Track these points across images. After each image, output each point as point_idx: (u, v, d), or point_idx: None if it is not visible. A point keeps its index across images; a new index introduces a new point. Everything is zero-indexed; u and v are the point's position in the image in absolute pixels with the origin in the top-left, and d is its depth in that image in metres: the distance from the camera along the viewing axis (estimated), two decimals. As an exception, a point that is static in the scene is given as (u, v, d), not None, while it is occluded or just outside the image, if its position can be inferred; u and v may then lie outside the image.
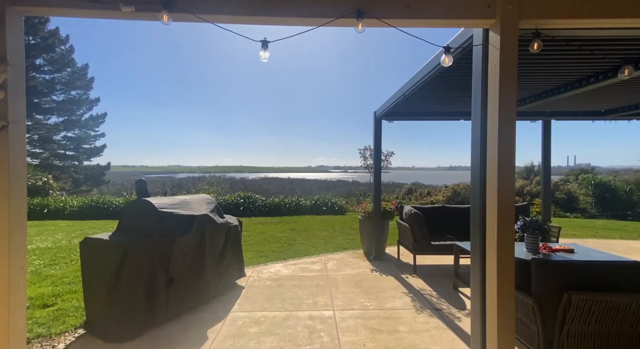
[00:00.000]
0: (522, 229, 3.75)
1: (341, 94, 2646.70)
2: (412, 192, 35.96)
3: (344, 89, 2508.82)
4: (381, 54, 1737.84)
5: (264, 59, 1.97)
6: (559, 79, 3.74)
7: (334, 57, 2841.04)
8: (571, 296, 1.92)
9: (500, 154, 1.96)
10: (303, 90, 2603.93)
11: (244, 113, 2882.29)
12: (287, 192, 21.67)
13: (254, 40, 1.93)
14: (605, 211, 16.74)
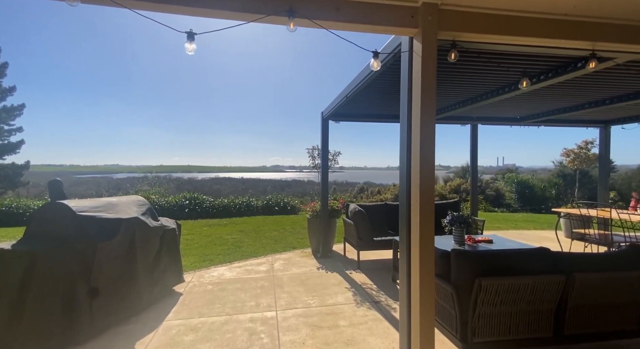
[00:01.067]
0: (451, 223, 4.11)
1: (296, 93, 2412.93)
2: (364, 191, 37.36)
3: (299, 88, 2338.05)
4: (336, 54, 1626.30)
5: (189, 51, 1.88)
6: (479, 88, 4.17)
7: (288, 56, 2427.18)
8: (481, 281, 2.15)
9: (422, 155, 2.13)
10: (257, 88, 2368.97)
11: (194, 111, 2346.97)
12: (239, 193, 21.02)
13: (178, 30, 1.82)
14: (525, 206, 19.12)
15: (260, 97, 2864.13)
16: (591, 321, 2.37)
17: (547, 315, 2.30)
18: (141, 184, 16.23)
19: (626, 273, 2.33)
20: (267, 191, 27.40)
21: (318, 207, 5.77)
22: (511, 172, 27.55)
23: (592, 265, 2.38)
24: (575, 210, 5.40)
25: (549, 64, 3.17)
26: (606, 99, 4.68)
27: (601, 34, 2.27)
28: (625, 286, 2.36)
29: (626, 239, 4.59)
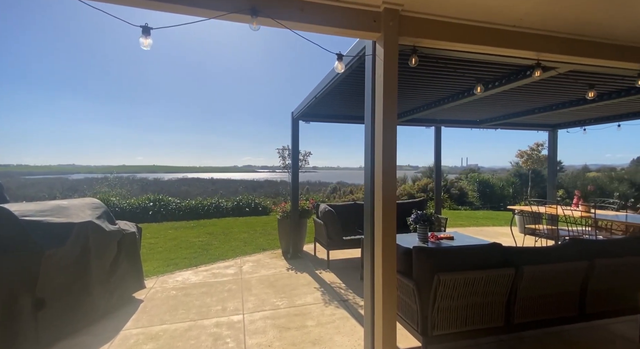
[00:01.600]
0: (415, 222, 4.27)
1: (269, 93, 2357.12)
2: (336, 191, 37.73)
3: (272, 87, 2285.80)
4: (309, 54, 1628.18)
5: (145, 47, 1.79)
6: (440, 92, 4.38)
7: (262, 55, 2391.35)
8: (440, 276, 2.26)
9: (385, 156, 2.19)
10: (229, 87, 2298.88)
11: (161, 108, 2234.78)
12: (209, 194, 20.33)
13: (133, 24, 1.73)
14: (486, 203, 20.32)
15: (232, 96, 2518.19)
16: (537, 309, 2.57)
17: (499, 306, 2.47)
18: (100, 186, 15.21)
19: (567, 264, 2.56)
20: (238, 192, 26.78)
21: (288, 208, 5.75)
22: (474, 172, 29.19)
23: (539, 258, 2.58)
24: (527, 207, 5.83)
25: (501, 72, 3.40)
26: (552, 105, 5.11)
27: (545, 45, 2.48)
28: (566, 276, 2.58)
29: (569, 233, 5.03)
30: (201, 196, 14.86)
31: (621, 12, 2.28)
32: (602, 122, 6.24)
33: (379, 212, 2.20)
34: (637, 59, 2.70)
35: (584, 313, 2.70)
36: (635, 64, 2.73)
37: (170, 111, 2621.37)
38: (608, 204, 6.62)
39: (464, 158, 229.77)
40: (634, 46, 2.69)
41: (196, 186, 40.10)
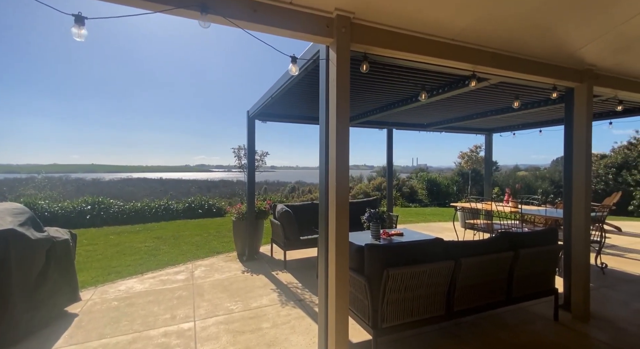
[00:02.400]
0: (368, 220, 4.46)
1: (225, 91, 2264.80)
2: (295, 191, 37.72)
3: (228, 85, 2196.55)
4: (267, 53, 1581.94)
5: (78, 38, 1.63)
6: (390, 97, 4.62)
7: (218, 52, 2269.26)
8: (389, 271, 2.40)
9: (338, 157, 2.26)
10: (182, 84, 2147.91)
11: (103, 102, 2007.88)
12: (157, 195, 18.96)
13: (65, 13, 1.57)
14: (434, 201, 21.86)
15: (185, 93, 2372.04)
16: (473, 297, 2.85)
17: (440, 296, 2.69)
18: (25, 188, 13.36)
19: (497, 254, 2.88)
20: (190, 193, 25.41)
21: (244, 209, 5.62)
22: (423, 172, 31.22)
23: (474, 250, 2.86)
24: (467, 204, 6.40)
25: (443, 80, 3.70)
26: (487, 112, 5.68)
27: (478, 59, 2.75)
28: (496, 265, 2.90)
29: (502, 227, 5.65)
30: (148, 197, 13.81)
31: (540, 34, 2.62)
32: (527, 127, 7.09)
33: (332, 211, 2.27)
34: (551, 75, 3.12)
35: (511, 297, 3.06)
36: (551, 79, 3.16)
37: (114, 106, 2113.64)
38: (532, 200, 7.55)
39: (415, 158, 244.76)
40: (550, 64, 3.11)
41: (142, 187, 37.21)
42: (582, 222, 3.33)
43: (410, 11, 2.24)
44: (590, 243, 3.41)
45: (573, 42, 2.78)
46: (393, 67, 3.18)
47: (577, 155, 3.37)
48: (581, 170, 3.34)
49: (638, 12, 2.34)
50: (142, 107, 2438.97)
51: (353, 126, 6.55)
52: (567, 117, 3.54)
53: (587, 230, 3.33)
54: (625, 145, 16.94)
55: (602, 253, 4.99)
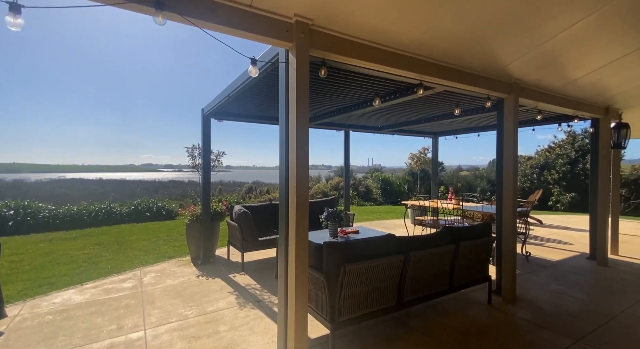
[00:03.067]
0: (327, 219, 4.59)
1: (178, 86, 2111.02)
2: (252, 191, 36.89)
3: (182, 80, 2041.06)
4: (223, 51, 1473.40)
5: (13, 27, 1.47)
6: (347, 100, 4.81)
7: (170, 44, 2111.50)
8: (346, 267, 2.52)
9: (298, 158, 2.32)
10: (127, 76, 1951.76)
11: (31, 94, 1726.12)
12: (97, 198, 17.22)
13: (-6, -4, 1.40)
14: (387, 199, 22.98)
15: (133, 89, 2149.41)
16: (420, 287, 3.11)
17: (392, 288, 2.90)
18: None
19: (441, 248, 3.18)
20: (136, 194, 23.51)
21: (198, 211, 5.40)
22: (377, 172, 32.63)
23: (422, 244, 3.13)
24: (416, 202, 6.89)
25: (394, 87, 3.97)
26: (433, 117, 6.18)
27: (425, 69, 3.02)
28: (441, 257, 3.20)
29: (446, 222, 6.19)
30: (86, 200, 12.49)
31: (477, 49, 2.96)
32: (468, 132, 7.84)
33: (292, 211, 2.32)
34: (486, 86, 3.53)
35: (453, 286, 3.40)
36: (485, 90, 3.57)
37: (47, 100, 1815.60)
38: (472, 197, 8.37)
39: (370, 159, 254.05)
40: (484, 76, 3.51)
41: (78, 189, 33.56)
42: (510, 216, 3.81)
43: (366, 23, 2.39)
44: (517, 235, 3.92)
45: (503, 58, 3.18)
46: (349, 73, 3.33)
47: (506, 157, 3.85)
48: (509, 171, 3.82)
49: (552, 36, 2.77)
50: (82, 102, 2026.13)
51: (312, 127, 6.66)
52: (498, 124, 4.02)
53: (514, 223, 3.82)
54: (546, 148, 19.49)
55: (527, 243, 5.73)
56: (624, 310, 3.53)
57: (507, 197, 3.83)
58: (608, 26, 2.69)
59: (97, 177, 51.10)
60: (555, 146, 18.84)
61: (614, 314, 3.44)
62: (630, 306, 3.63)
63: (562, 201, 16.71)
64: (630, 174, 15.77)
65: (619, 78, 4.02)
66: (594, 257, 5.39)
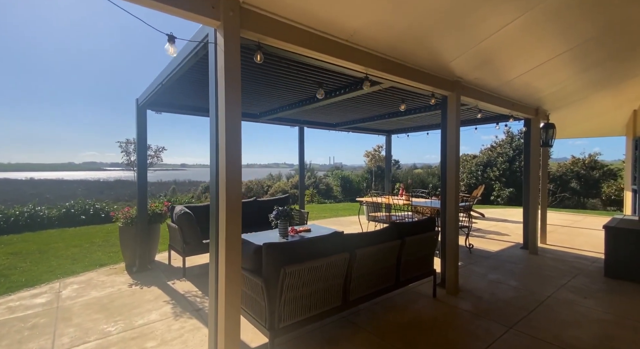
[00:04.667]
0: (276, 218, 4.38)
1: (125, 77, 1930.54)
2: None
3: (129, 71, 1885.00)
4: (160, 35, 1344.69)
5: None
6: (298, 94, 4.63)
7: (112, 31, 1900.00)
8: (286, 269, 2.35)
9: (228, 153, 2.09)
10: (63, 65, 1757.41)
11: None
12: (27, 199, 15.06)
13: None
14: (347, 197, 23.33)
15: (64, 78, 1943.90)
16: (367, 285, 3.05)
17: (337, 288, 2.79)
18: None
19: (388, 243, 3.14)
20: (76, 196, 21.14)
21: (134, 213, 4.86)
22: (338, 170, 33.05)
23: (368, 241, 3.06)
24: (370, 198, 6.96)
25: (342, 81, 3.89)
26: (384, 115, 6.27)
27: (370, 62, 2.94)
28: (387, 253, 3.17)
29: (397, 218, 6.31)
30: (5, 203, 10.83)
31: (421, 45, 2.95)
32: (418, 130, 8.12)
33: (223, 210, 2.09)
34: (430, 83, 3.58)
35: (399, 281, 3.40)
36: (430, 87, 3.62)
37: None
38: (422, 193, 8.69)
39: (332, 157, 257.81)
40: (429, 73, 3.56)
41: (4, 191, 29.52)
42: (452, 210, 3.93)
43: (305, 6, 2.22)
44: (459, 228, 4.06)
45: (444, 55, 3.23)
46: (294, 63, 3.15)
47: (449, 153, 3.96)
48: (452, 166, 3.93)
49: (487, 36, 2.85)
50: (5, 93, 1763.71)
51: (264, 122, 6.38)
52: (442, 122, 4.12)
53: (456, 217, 3.95)
54: (489, 147, 21.17)
55: (470, 236, 6.05)
56: (550, 295, 3.82)
57: (450, 192, 3.95)
58: (535, 31, 2.83)
59: (28, 177, 45.30)
60: (497, 146, 20.53)
61: (542, 300, 3.70)
62: (555, 291, 3.95)
63: (502, 196, 18.28)
64: (556, 171, 17.76)
65: (546, 81, 4.35)
66: (527, 247, 5.85)
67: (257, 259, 2.52)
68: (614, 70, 4.35)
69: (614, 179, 16.50)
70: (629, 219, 5.06)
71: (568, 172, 17.41)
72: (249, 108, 5.68)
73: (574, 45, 3.19)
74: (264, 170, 50.86)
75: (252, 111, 5.90)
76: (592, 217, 9.91)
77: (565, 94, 5.19)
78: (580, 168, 17.29)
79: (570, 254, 5.59)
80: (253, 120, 6.23)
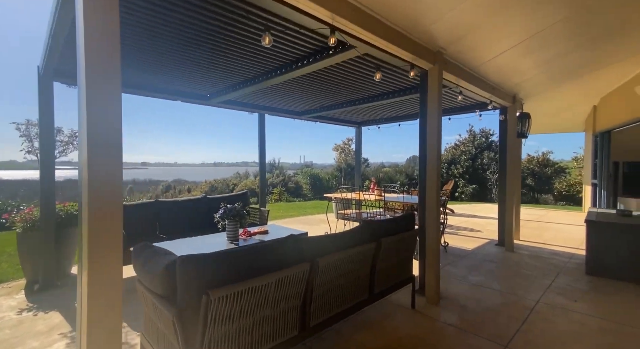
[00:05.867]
0: (222, 218, 3.55)
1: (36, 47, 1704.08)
2: (170, 189, 33.08)
3: None
4: None
5: None
6: (255, 66, 3.80)
7: None
8: (211, 295, 1.56)
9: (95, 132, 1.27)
10: None
11: None
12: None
13: None
14: (317, 194, 22.69)
15: None
16: (334, 303, 2.35)
17: (292, 313, 2.05)
18: None
19: (359, 247, 2.46)
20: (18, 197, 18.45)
21: (36, 215, 3.76)
22: (307, 168, 32.34)
23: (335, 246, 2.36)
24: (339, 194, 6.31)
25: (308, 47, 3.14)
26: (356, 101, 5.63)
27: (339, 7, 2.23)
28: (359, 259, 2.49)
29: (368, 215, 5.72)
30: None
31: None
32: (390, 121, 7.62)
33: (86, 218, 1.27)
34: (411, 50, 2.95)
35: (373, 294, 2.73)
36: (409, 54, 2.99)
37: None
38: (392, 189, 8.23)
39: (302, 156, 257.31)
40: (409, 37, 2.92)
41: None
42: (433, 204, 3.35)
43: None
44: (440, 225, 3.50)
45: (427, 14, 2.61)
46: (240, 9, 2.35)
47: (430, 137, 3.37)
48: (433, 155, 3.35)
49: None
50: None
51: (217, 105, 5.46)
52: (421, 106, 3.53)
53: (437, 212, 3.38)
54: (453, 146, 21.65)
55: (443, 233, 5.61)
56: (538, 300, 3.39)
57: (431, 184, 3.37)
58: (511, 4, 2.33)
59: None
60: (460, 144, 21.03)
61: (531, 305, 3.24)
62: (542, 294, 3.53)
63: (466, 192, 18.68)
64: (524, 167, 18.47)
65: (522, 64, 3.99)
66: (503, 244, 5.53)
67: (168, 280, 1.70)
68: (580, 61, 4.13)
69: (564, 176, 17.51)
70: (606, 212, 4.86)
71: (524, 170, 18.14)
72: (193, 86, 4.74)
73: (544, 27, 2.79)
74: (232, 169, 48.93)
75: (199, 90, 4.96)
76: (554, 212, 10.11)
77: (537, 82, 4.90)
78: (534, 166, 18.14)
79: (545, 251, 5.33)
80: (202, 102, 5.27)
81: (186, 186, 32.53)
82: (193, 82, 4.50)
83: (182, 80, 4.40)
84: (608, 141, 8.05)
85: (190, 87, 4.77)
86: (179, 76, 4.19)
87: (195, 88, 4.82)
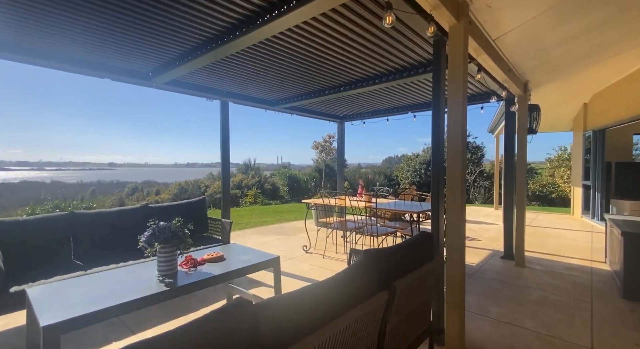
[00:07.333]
0: (149, 242, 2.38)
1: None
2: (138, 191, 30.81)
3: None
4: None
5: None
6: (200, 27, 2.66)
7: None
8: None
9: None
10: None
11: None
12: None
13: None
14: (294, 197, 21.56)
15: None
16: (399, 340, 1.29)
17: None
18: None
19: (362, 306, 1.43)
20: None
21: None
22: (285, 168, 31.09)
23: (322, 304, 1.32)
24: (319, 200, 5.28)
25: None
26: (340, 86, 4.62)
27: None
28: (363, 325, 1.46)
29: (356, 225, 4.72)
30: None
31: None
32: (377, 116, 6.70)
33: None
34: None
35: (382, 369, 1.70)
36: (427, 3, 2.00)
37: None
38: (382, 194, 7.29)
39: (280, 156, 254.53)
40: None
41: None
42: (457, 219, 2.39)
43: None
44: (464, 248, 2.54)
45: None
46: None
47: (453, 130, 2.39)
48: (457, 152, 2.37)
49: None
50: None
51: (160, 87, 4.21)
52: (435, 84, 2.58)
53: (462, 229, 2.42)
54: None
55: (445, 245, 4.74)
56: (592, 347, 2.53)
57: (454, 184, 2.38)
58: None
59: None
60: (437, 145, 20.72)
61: (587, 355, 2.37)
62: (590, 335, 2.68)
63: (448, 193, 18.29)
64: (490, 169, 18.31)
65: (535, 45, 3.19)
66: (510, 257, 4.74)
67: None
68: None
69: (535, 176, 17.63)
70: (632, 220, 4.17)
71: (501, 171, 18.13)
72: (123, 59, 3.51)
73: None
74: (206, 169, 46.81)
75: (135, 66, 3.73)
76: (544, 215, 9.66)
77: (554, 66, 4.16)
78: (505, 166, 18.12)
79: (559, 265, 4.59)
80: (142, 83, 4.01)
81: (155, 187, 30.46)
82: (121, 55, 3.28)
83: (104, 50, 3.18)
84: (602, 140, 7.61)
85: (120, 61, 3.53)
86: (99, 43, 2.97)
87: (129, 63, 3.58)
